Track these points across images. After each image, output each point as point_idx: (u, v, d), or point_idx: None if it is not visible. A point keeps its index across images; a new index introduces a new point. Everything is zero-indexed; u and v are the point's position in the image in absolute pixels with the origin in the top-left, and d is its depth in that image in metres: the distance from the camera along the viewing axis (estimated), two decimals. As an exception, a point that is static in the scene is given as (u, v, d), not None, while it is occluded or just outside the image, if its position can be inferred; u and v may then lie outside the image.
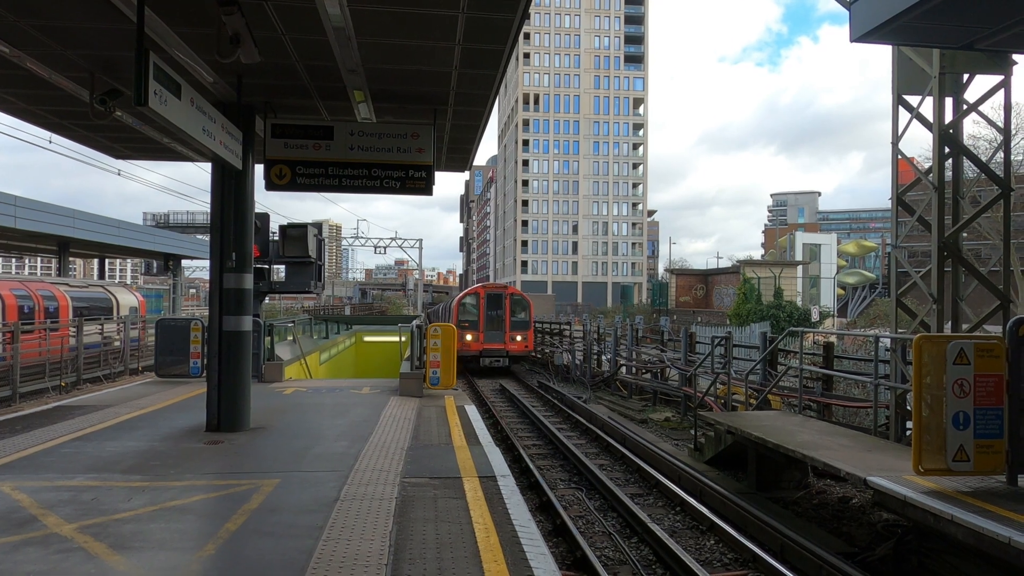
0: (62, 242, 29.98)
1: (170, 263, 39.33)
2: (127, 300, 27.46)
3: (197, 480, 6.75)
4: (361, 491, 6.36)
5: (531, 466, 11.43)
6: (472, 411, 10.99)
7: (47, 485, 6.44)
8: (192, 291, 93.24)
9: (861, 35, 7.36)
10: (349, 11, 6.33)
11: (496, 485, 6.65)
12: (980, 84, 9.30)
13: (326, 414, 10.57)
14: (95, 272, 40.55)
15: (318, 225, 18.88)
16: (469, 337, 27.06)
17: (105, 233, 29.88)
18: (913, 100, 9.38)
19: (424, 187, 9.42)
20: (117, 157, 12.86)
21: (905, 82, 9.33)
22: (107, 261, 42.11)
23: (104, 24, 6.86)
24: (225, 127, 7.84)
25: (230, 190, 9.09)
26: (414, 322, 14.85)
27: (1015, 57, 8.67)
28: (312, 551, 4.86)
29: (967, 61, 8.63)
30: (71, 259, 36.52)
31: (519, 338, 28.12)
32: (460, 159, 12.64)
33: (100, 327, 22.89)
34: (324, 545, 4.97)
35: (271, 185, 9.18)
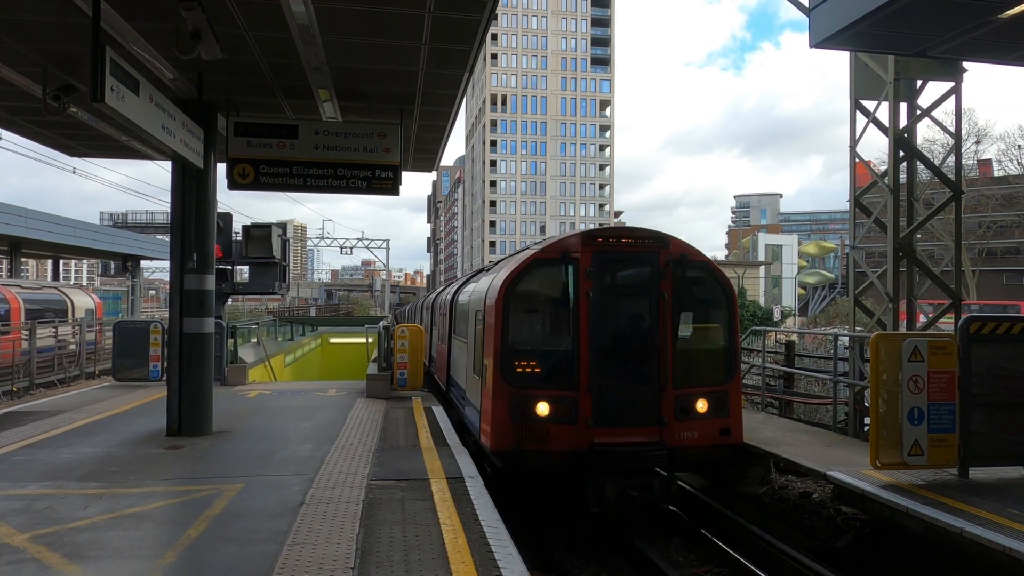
0: (14, 242, 28.97)
1: (128, 264, 38.30)
2: (83, 302, 26.65)
3: (157, 486, 6.59)
4: (327, 494, 6.28)
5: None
6: (439, 412, 10.94)
7: (-2, 494, 6.21)
8: (151, 292, 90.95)
9: (820, 40, 7.55)
10: (314, 9, 6.25)
11: (464, 486, 6.63)
12: (933, 90, 9.62)
13: (291, 417, 10.41)
14: (48, 273, 39.30)
15: (283, 225, 18.61)
16: (533, 407, 7.82)
17: (60, 233, 28.95)
18: (870, 105, 9.65)
19: (391, 187, 9.35)
20: (72, 155, 12.49)
21: (862, 87, 9.59)
22: (62, 262, 40.82)
23: (58, 18, 6.66)
24: (186, 125, 7.67)
25: (191, 189, 8.89)
26: (381, 323, 14.73)
27: (965, 64, 8.99)
28: (277, 556, 4.78)
29: (920, 67, 8.91)
30: (23, 260, 35.30)
31: (703, 406, 8.13)
32: (427, 159, 12.58)
33: (54, 330, 22.16)
34: (289, 550, 4.90)
35: (234, 184, 9.02)
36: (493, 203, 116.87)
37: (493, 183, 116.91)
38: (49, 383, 20.38)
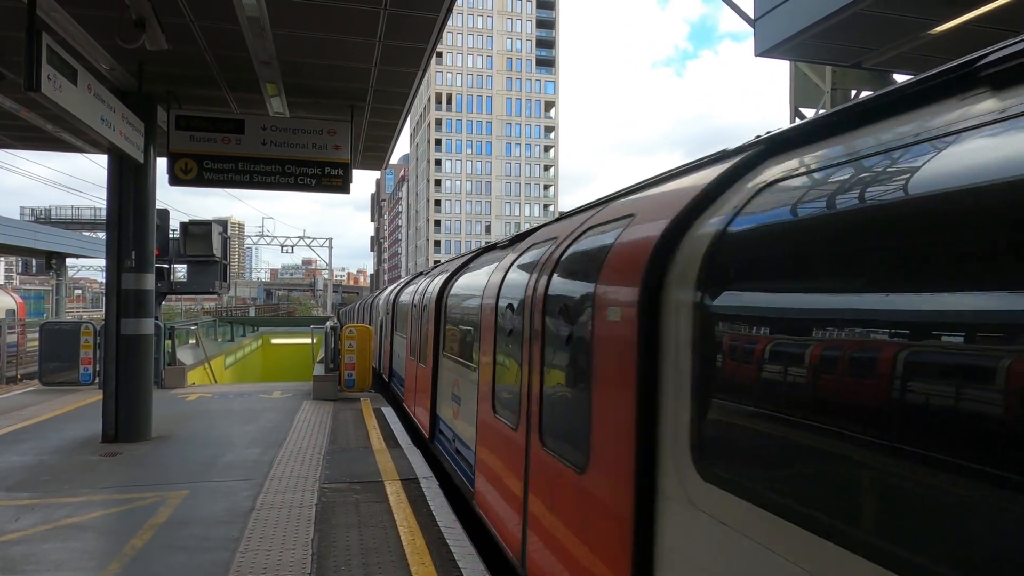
0: (-77, 238, 27.12)
1: (53, 262, 36.33)
2: (3, 302, 25.17)
3: (95, 495, 6.29)
4: (278, 499, 6.13)
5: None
6: (389, 413, 10.83)
7: (-83, 507, 5.81)
8: (77, 292, 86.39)
9: (764, 50, 7.84)
10: (265, 1, 6.09)
11: (419, 487, 6.59)
12: (865, 100, 10.12)
13: (235, 420, 10.11)
14: (-37, 271, 36.90)
15: (223, 223, 18.05)
16: None
17: (-25, 229, 27.25)
18: (808, 112, 10.07)
19: (341, 185, 9.19)
20: (-5, 146, 11.77)
21: (802, 95, 10.01)
22: (-22, 259, 38.37)
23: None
24: (126, 117, 7.34)
25: (129, 185, 8.52)
26: (328, 323, 14.46)
27: (896, 77, 9.49)
28: (230, 564, 4.63)
29: (856, 79, 9.37)
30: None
31: None
32: (377, 157, 12.42)
33: (-29, 332, 20.81)
34: (242, 557, 4.76)
35: (175, 180, 8.69)
36: (438, 202, 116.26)
37: (438, 182, 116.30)
38: (-35, 388, 19.15)
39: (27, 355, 23.39)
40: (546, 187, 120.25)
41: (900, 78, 9.74)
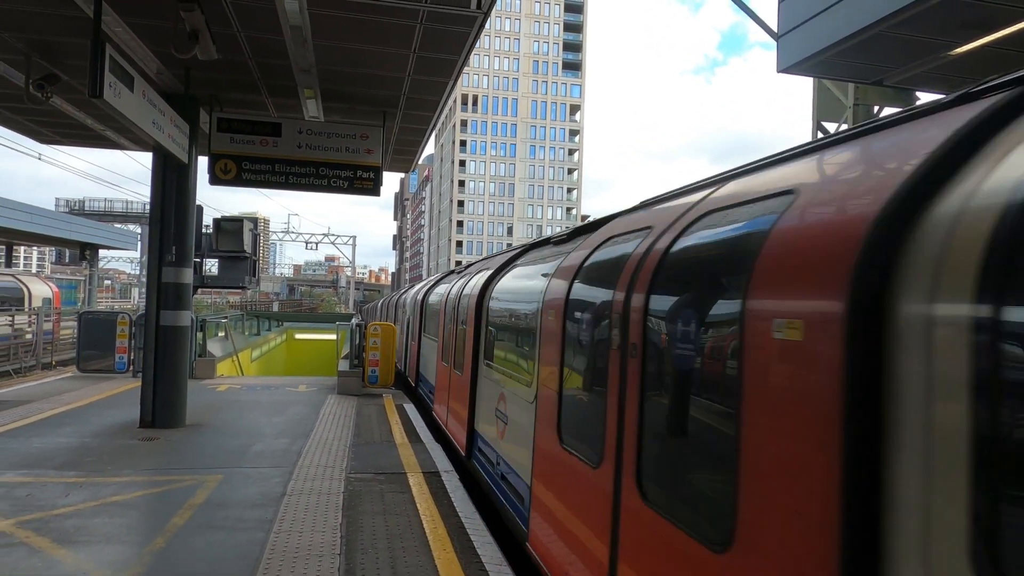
0: (-34, 227, 28.06)
1: (86, 252, 37.33)
2: (40, 291, 26.00)
3: (136, 476, 6.67)
4: (308, 486, 6.46)
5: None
6: (411, 409, 11.15)
7: (-25, 481, 6.24)
8: (107, 283, 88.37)
9: (787, 67, 8.03)
10: (309, 14, 6.43)
11: (440, 480, 6.88)
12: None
13: (264, 411, 10.50)
14: (1, 261, 38.16)
15: (253, 219, 18.55)
16: None
17: (15, 219, 28.13)
18: (830, 127, 10.22)
19: (372, 188, 9.55)
20: (43, 142, 12.32)
21: (824, 110, 10.16)
22: (14, 249, 39.52)
23: (50, 9, 6.69)
24: (174, 120, 7.75)
25: (171, 183, 8.94)
26: (353, 320, 14.84)
27: (918, 94, 9.61)
28: (264, 543, 4.96)
29: (878, 95, 9.50)
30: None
31: None
32: (405, 160, 12.78)
33: (11, 319, 21.63)
34: (276, 537, 5.09)
35: (215, 180, 9.10)
36: (461, 203, 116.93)
37: (462, 183, 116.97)
38: (4, 372, 19.90)
39: (61, 343, 24.18)
40: (569, 190, 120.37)
41: (923, 96, 9.86)
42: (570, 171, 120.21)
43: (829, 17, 7.13)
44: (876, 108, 9.94)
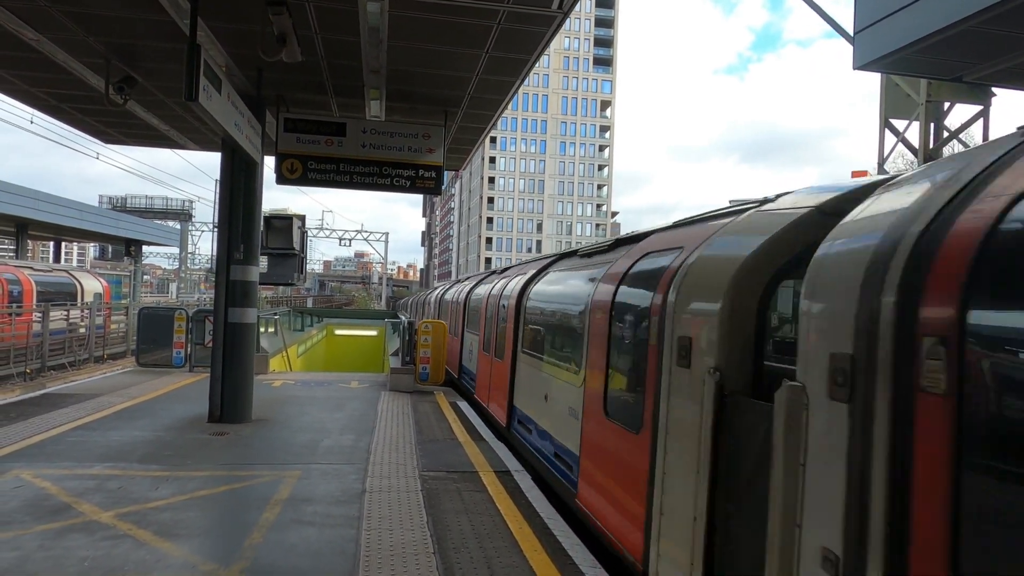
0: (21, 223, 28.96)
1: (131, 249, 38.30)
2: (92, 286, 26.71)
3: (216, 470, 6.82)
4: (385, 483, 6.53)
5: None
6: (465, 407, 11.21)
7: (67, 473, 6.43)
8: (146, 278, 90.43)
9: (864, 64, 7.86)
10: (388, 16, 6.48)
11: (513, 480, 6.90)
12: (958, 112, 9.98)
13: (322, 407, 10.65)
14: (50, 256, 39.23)
15: (301, 218, 18.79)
16: None
17: (67, 216, 28.98)
18: (899, 124, 9.98)
19: (434, 187, 9.60)
20: (108, 141, 12.64)
21: (892, 107, 9.92)
22: (63, 245, 40.67)
23: (131, 13, 6.84)
24: (250, 121, 7.89)
25: (240, 182, 9.09)
26: (404, 318, 14.95)
27: (994, 90, 9.33)
28: (358, 540, 5.03)
29: (951, 91, 9.25)
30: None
31: None
32: (458, 159, 12.83)
33: (66, 313, 22.26)
34: (368, 534, 5.16)
35: (282, 179, 9.23)
36: (491, 200, 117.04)
37: (492, 179, 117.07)
38: (60, 365, 20.50)
39: (112, 336, 24.81)
40: (599, 187, 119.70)
41: (997, 90, 9.57)
42: (600, 167, 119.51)
43: (911, 13, 6.96)
44: (947, 105, 9.69)
